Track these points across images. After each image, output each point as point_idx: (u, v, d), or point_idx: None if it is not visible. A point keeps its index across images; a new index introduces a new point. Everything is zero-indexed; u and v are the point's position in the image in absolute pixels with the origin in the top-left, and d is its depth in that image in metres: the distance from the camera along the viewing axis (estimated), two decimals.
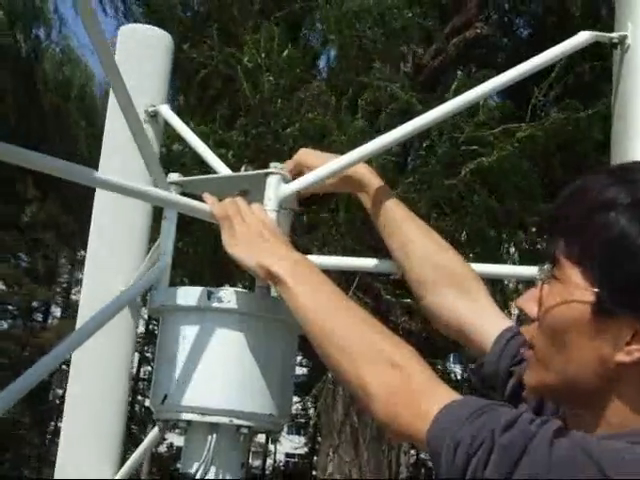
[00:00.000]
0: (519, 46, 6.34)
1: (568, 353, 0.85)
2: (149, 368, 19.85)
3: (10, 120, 11.02)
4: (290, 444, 22.76)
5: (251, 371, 1.21)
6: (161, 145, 1.71)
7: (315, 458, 16.67)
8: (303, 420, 20.45)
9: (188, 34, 5.52)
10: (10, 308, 18.49)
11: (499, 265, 1.52)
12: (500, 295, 5.36)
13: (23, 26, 11.28)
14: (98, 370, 1.61)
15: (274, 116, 4.97)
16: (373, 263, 1.40)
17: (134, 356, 1.73)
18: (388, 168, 4.71)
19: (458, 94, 1.39)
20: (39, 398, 18.20)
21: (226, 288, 1.23)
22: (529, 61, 1.39)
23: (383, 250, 1.34)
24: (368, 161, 1.35)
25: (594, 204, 0.84)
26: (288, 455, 25.54)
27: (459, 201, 5.12)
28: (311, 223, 5.18)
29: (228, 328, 1.22)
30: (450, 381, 7.58)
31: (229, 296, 1.22)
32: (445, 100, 1.42)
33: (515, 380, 1.07)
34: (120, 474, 1.58)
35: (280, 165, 1.30)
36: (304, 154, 1.35)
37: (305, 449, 22.29)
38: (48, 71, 12.03)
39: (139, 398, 21.20)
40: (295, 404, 15.35)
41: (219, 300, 1.22)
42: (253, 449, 22.50)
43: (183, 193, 1.38)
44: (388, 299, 5.28)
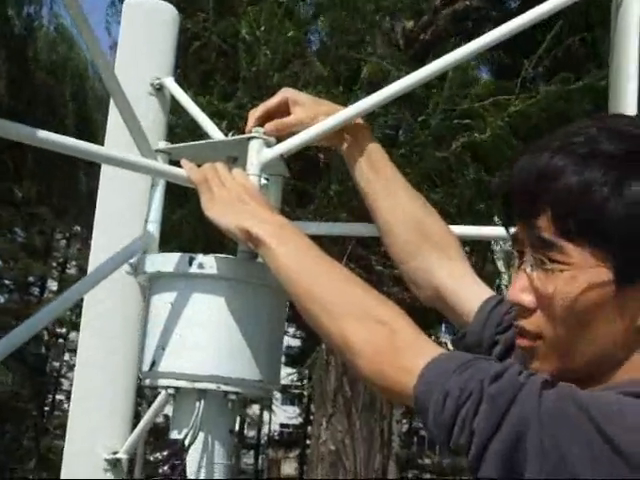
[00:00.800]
0: (508, 18, 6.32)
1: (592, 333, 0.82)
2: None
3: (4, 98, 10.97)
4: (285, 414, 22.98)
5: (238, 337, 1.19)
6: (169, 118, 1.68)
7: (309, 428, 16.82)
8: (297, 391, 20.62)
9: (181, 5, 5.49)
10: (7, 283, 18.52)
11: (479, 227, 1.50)
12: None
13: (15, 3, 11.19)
14: (109, 328, 1.58)
15: (270, 89, 4.97)
16: (364, 228, 1.39)
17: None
18: (380, 140, 4.71)
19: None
20: (37, 370, 18.29)
21: (210, 255, 1.20)
22: (520, 17, 1.38)
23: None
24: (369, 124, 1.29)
25: (583, 180, 0.80)
26: (282, 425, 25.73)
27: (450, 173, 5.15)
28: (303, 194, 5.20)
29: (214, 294, 1.20)
30: None
31: (211, 262, 1.19)
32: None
33: (502, 347, 1.06)
34: (129, 441, 1.55)
35: (262, 129, 1.26)
36: (291, 95, 1.28)
37: (299, 419, 22.46)
38: (39, 50, 11.94)
39: None
40: (289, 375, 15.42)
41: (200, 266, 1.19)
42: (248, 420, 22.65)
43: (174, 163, 1.34)
44: (380, 270, 5.32)
